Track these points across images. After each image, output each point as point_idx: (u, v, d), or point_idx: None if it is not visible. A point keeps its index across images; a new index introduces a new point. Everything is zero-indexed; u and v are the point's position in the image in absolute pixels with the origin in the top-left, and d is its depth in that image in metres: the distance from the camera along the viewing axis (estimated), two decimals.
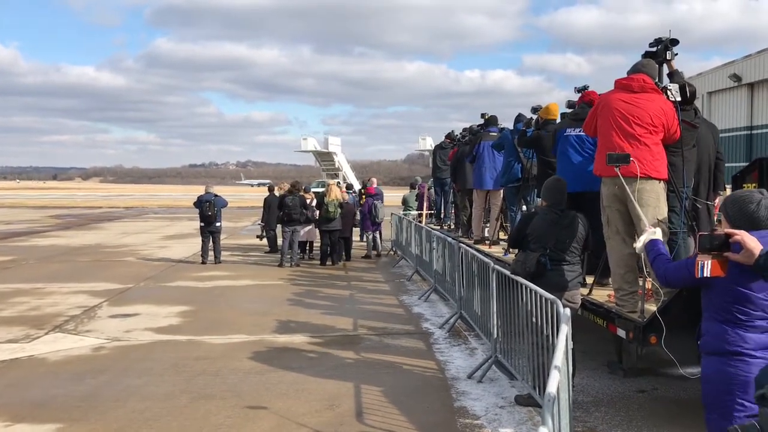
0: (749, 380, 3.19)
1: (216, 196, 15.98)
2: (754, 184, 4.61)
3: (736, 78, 28.13)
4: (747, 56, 28.12)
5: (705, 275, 3.10)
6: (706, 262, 3.10)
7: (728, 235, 3.01)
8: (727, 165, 7.02)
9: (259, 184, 29.39)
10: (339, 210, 15.41)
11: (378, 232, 17.49)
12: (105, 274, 13.96)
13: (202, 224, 15.82)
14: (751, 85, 27.93)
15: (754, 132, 28.02)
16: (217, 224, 15.83)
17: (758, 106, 27.89)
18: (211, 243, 15.93)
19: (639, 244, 4.03)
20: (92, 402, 6.04)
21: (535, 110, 8.59)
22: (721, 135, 25.68)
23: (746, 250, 2.88)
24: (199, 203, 15.82)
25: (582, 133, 6.41)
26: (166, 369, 7.10)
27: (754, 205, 3.32)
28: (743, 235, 2.94)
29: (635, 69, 5.51)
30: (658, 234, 3.98)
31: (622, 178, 5.00)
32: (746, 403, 3.25)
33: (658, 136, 5.29)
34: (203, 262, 15.73)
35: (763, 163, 4.58)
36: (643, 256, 4.60)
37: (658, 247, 3.84)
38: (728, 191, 5.19)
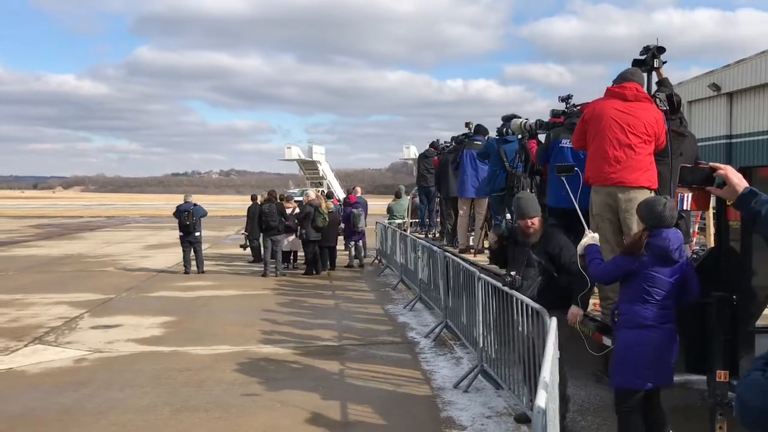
0: (652, 345, 4.26)
1: (195, 205, 15.91)
2: None
3: (716, 87, 28.44)
4: (726, 66, 28.46)
5: (685, 208, 2.98)
6: (685, 195, 2.97)
7: (712, 169, 2.88)
8: None
9: (302, 192, 29.14)
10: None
11: (361, 241, 17.43)
12: (86, 285, 13.80)
13: (182, 234, 15.77)
14: (731, 95, 28.26)
15: (734, 141, 28.33)
16: (197, 234, 15.77)
17: (737, 115, 28.21)
18: (192, 253, 15.85)
19: (580, 247, 4.78)
20: (73, 415, 5.95)
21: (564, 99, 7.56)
22: (701, 144, 25.92)
23: (729, 185, 2.74)
24: (178, 213, 15.77)
25: None
26: (149, 381, 7.01)
27: (660, 206, 4.24)
28: (727, 170, 2.81)
29: (624, 78, 5.48)
30: (596, 239, 4.78)
31: (605, 188, 5.04)
32: (648, 364, 4.27)
33: (650, 146, 5.29)
34: (186, 272, 15.62)
35: (747, 172, 4.60)
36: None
37: (594, 251, 4.69)
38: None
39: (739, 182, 2.72)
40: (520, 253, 5.55)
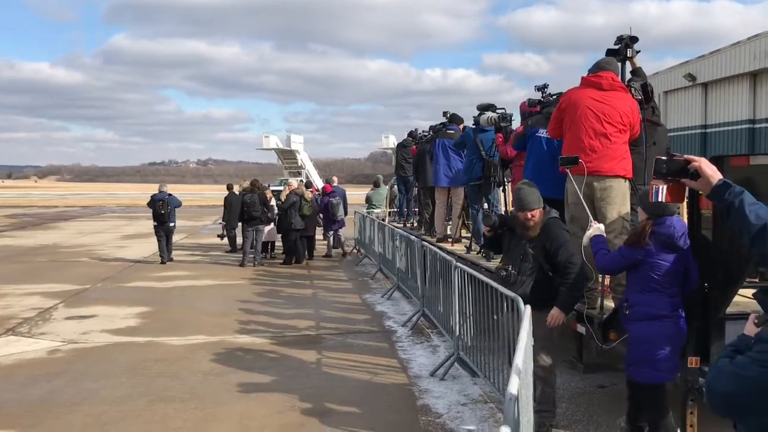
0: (669, 336, 4.27)
1: (170, 195, 15.93)
2: None
3: (691, 78, 28.72)
4: (701, 57, 28.74)
5: (659, 200, 3.00)
6: (660, 188, 2.97)
7: (687, 161, 2.87)
8: None
9: (281, 182, 28.92)
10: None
11: (341, 230, 17.39)
12: (61, 275, 13.64)
13: (156, 223, 15.72)
14: (705, 85, 28.56)
15: (708, 131, 28.66)
16: (171, 224, 15.77)
17: (712, 105, 28.53)
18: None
19: (585, 239, 4.71)
20: (46, 407, 5.88)
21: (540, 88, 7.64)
22: (676, 133, 26.20)
23: (703, 177, 2.75)
24: (153, 202, 15.72)
25: None
26: (124, 371, 6.95)
27: None
28: (702, 162, 2.81)
29: (599, 67, 5.51)
30: (602, 230, 4.72)
31: (573, 177, 5.06)
32: (668, 355, 4.28)
33: (625, 135, 5.34)
34: (162, 262, 15.56)
35: (719, 161, 4.65)
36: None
37: (601, 242, 4.65)
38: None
39: (713, 174, 2.74)
40: (516, 245, 5.22)
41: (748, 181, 4.46)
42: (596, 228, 4.73)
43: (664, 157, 2.99)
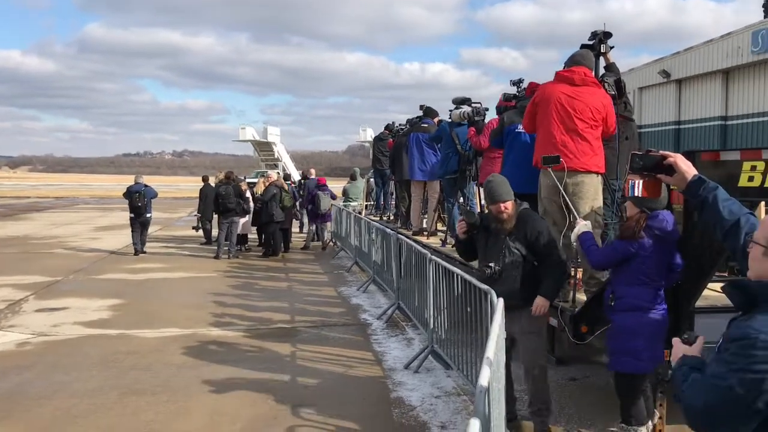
0: (656, 327, 4.34)
1: (146, 186, 15.81)
2: None
3: (665, 74, 29.06)
4: (675, 53, 29.09)
5: (635, 194, 3.03)
6: (636, 183, 3.00)
7: (663, 157, 2.95)
8: None
9: (257, 174, 28.57)
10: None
11: (324, 224, 17.35)
12: (32, 267, 13.43)
13: (132, 215, 15.60)
14: (679, 82, 28.91)
15: (682, 127, 29.04)
16: (148, 215, 15.67)
17: (685, 101, 28.91)
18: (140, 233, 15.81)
19: (573, 235, 4.68)
20: (16, 399, 5.80)
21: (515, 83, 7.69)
22: (651, 129, 26.52)
23: (678, 172, 2.82)
24: (129, 194, 15.60)
25: None
26: (95, 364, 6.88)
27: None
28: (677, 158, 2.89)
29: (574, 61, 5.51)
30: (589, 226, 4.70)
31: (554, 173, 5.07)
32: (653, 345, 4.33)
33: (597, 130, 5.33)
34: (136, 253, 15.44)
35: (691, 156, 4.71)
36: (576, 246, 4.89)
37: (589, 238, 4.63)
38: None
39: (688, 170, 2.79)
40: (494, 242, 4.95)
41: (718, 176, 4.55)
42: (583, 225, 4.73)
43: (640, 153, 3.04)
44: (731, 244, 2.53)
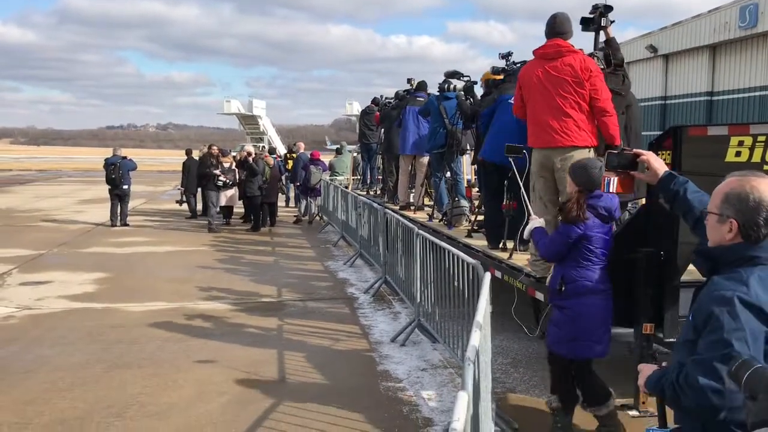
0: (607, 309, 4.32)
1: (124, 158, 15.97)
2: (668, 152, 4.74)
3: (653, 49, 29.02)
4: (663, 28, 29.03)
5: (611, 191, 3.27)
6: (612, 179, 3.25)
7: (636, 155, 3.14)
8: (643, 133, 7.22)
9: (241, 147, 28.17)
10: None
11: (314, 198, 17.32)
12: (15, 240, 13.32)
13: (109, 187, 15.75)
14: (666, 57, 28.90)
15: (668, 102, 29.09)
16: (124, 187, 15.76)
17: (672, 76, 28.92)
18: (119, 206, 15.81)
19: (526, 232, 4.71)
20: (1, 374, 5.77)
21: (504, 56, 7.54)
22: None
23: (651, 169, 2.99)
24: (106, 166, 15.76)
25: None
26: (81, 338, 6.85)
27: (597, 170, 4.18)
28: (649, 156, 3.06)
29: (550, 33, 5.30)
30: (541, 223, 4.68)
31: (543, 151, 5.07)
32: (608, 327, 4.35)
33: (581, 100, 5.14)
34: (112, 225, 15.52)
35: (678, 131, 4.71)
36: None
37: (541, 233, 4.59)
38: None
39: (660, 167, 2.99)
40: None
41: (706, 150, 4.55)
42: (537, 221, 4.68)
43: (615, 152, 3.23)
44: (701, 231, 2.66)
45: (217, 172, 15.16)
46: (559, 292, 4.35)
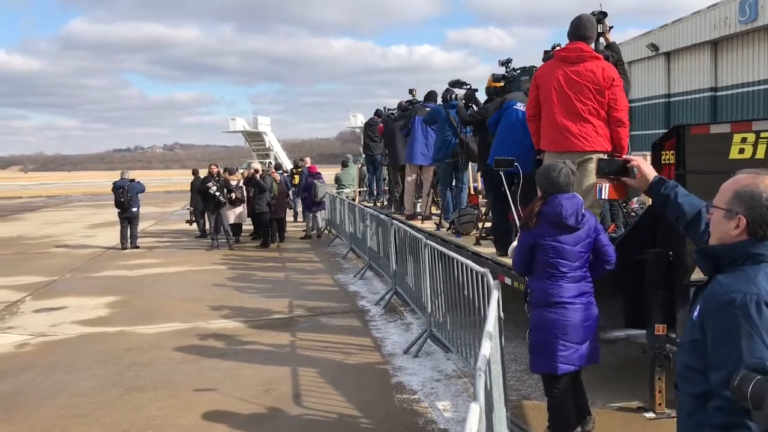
0: (568, 324, 4.03)
1: (132, 181, 16.03)
2: (672, 151, 4.74)
3: (654, 47, 29.00)
4: (663, 26, 29.01)
5: (603, 197, 3.33)
6: (603, 186, 3.31)
7: (626, 161, 3.17)
8: (646, 132, 7.22)
9: (248, 165, 27.91)
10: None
11: (320, 212, 17.33)
12: (28, 267, 13.40)
13: (118, 210, 15.84)
14: (668, 54, 28.85)
15: (672, 100, 29.02)
16: (133, 209, 15.82)
17: (675, 74, 28.87)
18: (128, 228, 15.90)
19: (510, 250, 4.66)
20: (16, 401, 5.80)
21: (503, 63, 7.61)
22: (641, 104, 26.43)
23: (642, 175, 3.01)
24: (115, 189, 15.83)
25: None
26: (95, 362, 6.88)
27: (555, 172, 4.06)
28: (639, 161, 3.09)
29: (573, 34, 5.26)
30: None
31: (558, 154, 5.06)
32: (567, 343, 4.04)
33: (600, 108, 5.11)
34: (123, 248, 15.59)
35: (681, 131, 4.71)
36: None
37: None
38: (648, 159, 5.31)
39: (650, 172, 3.02)
40: None
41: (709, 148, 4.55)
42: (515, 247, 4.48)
43: (606, 159, 3.28)
44: (693, 233, 2.72)
45: (209, 183, 15.13)
46: (525, 300, 4.30)
